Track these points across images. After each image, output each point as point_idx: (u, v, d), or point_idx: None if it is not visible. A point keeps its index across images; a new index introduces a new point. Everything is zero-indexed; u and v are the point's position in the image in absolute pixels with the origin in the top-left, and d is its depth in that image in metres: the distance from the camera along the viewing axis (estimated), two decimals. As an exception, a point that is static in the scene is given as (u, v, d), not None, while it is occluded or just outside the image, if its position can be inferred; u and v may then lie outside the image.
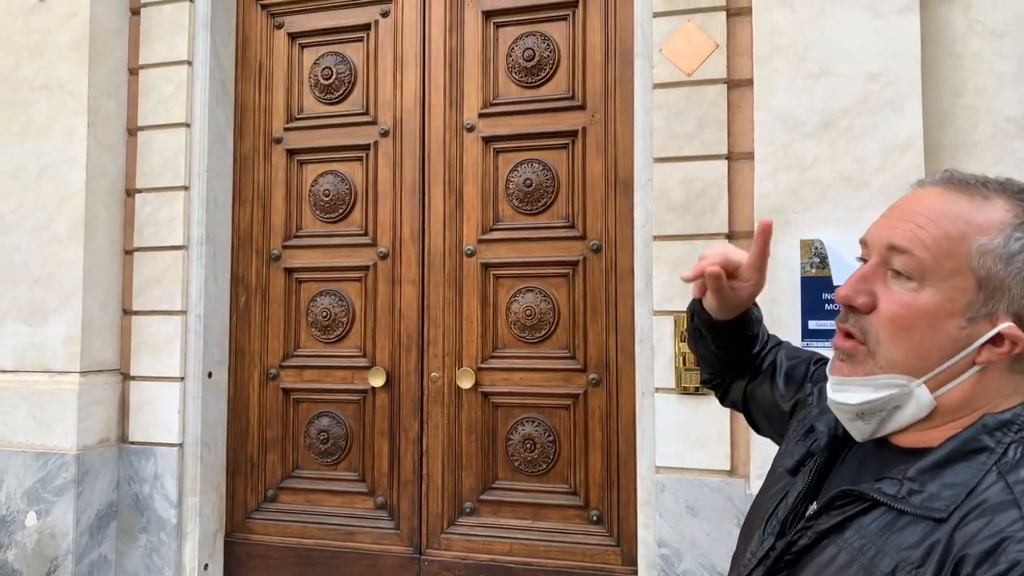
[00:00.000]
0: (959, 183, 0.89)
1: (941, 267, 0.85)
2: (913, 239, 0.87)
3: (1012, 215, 0.84)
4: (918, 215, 0.88)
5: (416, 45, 3.53)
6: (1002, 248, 0.83)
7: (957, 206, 0.86)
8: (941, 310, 0.85)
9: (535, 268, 3.35)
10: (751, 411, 1.36)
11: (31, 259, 3.53)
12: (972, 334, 0.85)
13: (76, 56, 3.52)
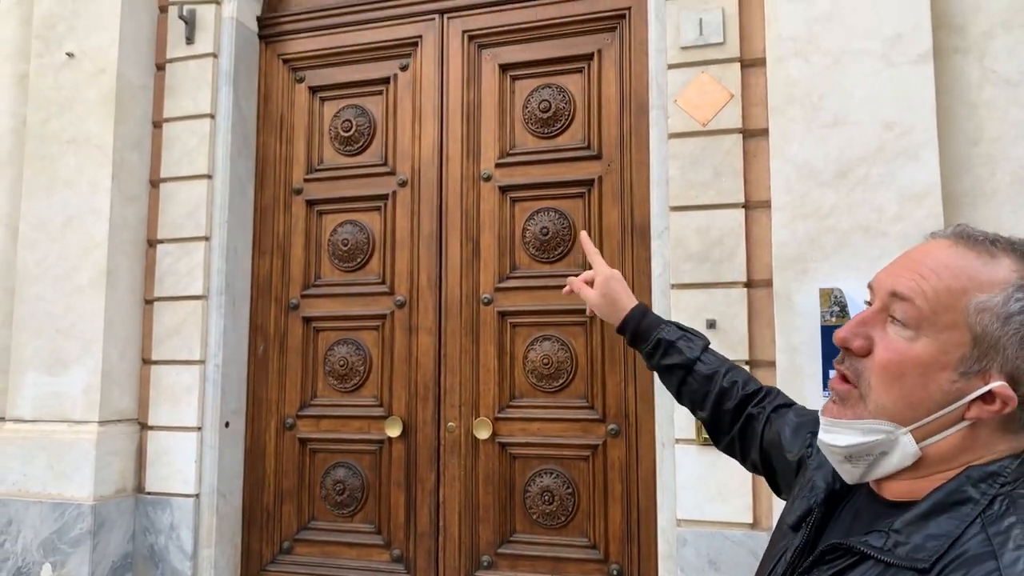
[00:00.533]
0: (969, 238, 0.89)
1: (938, 319, 0.86)
2: (915, 289, 0.88)
3: (1016, 275, 0.85)
4: (923, 266, 0.89)
5: (434, 98, 3.60)
6: (1000, 307, 0.84)
7: (963, 261, 0.87)
8: (934, 361, 0.86)
9: (552, 316, 3.34)
10: (772, 473, 1.37)
11: (54, 309, 3.57)
12: (963, 389, 0.85)
13: (103, 111, 3.61)
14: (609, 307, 1.55)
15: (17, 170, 3.82)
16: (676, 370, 1.48)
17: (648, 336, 1.51)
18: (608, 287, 1.54)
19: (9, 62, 3.95)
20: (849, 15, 2.76)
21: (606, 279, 1.55)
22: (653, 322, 1.52)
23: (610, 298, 1.54)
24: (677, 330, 1.51)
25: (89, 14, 3.69)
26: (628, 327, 1.53)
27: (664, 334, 1.49)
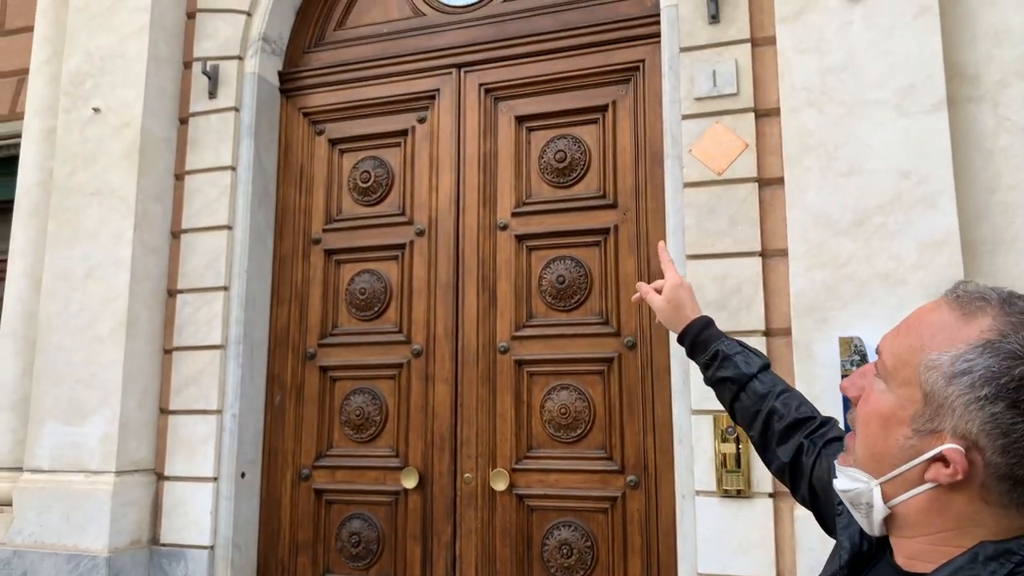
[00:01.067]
0: (959, 296, 0.87)
1: (898, 373, 0.86)
2: (887, 346, 0.90)
3: (979, 336, 0.81)
4: (907, 323, 0.90)
5: (451, 149, 3.65)
6: (948, 366, 0.81)
7: (939, 318, 0.86)
8: (892, 416, 0.86)
9: (569, 365, 3.33)
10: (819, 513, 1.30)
11: (74, 359, 3.60)
12: (918, 447, 0.83)
13: (127, 164, 3.69)
14: (673, 313, 1.56)
15: (42, 222, 3.89)
16: (730, 384, 1.46)
17: (707, 347, 1.50)
18: (675, 294, 1.55)
19: (38, 118, 4.05)
20: (862, 66, 2.79)
21: (675, 286, 1.56)
22: (714, 334, 1.51)
23: (675, 304, 1.55)
24: (737, 345, 1.49)
25: (116, 71, 3.79)
26: (688, 335, 1.54)
27: (723, 347, 1.48)
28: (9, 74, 4.49)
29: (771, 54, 3.01)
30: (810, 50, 2.86)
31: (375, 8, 3.94)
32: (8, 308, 3.92)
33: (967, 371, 0.80)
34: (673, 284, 1.57)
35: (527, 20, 3.60)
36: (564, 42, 3.49)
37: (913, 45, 2.74)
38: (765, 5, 3.05)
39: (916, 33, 2.75)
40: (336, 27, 4.00)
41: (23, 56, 4.35)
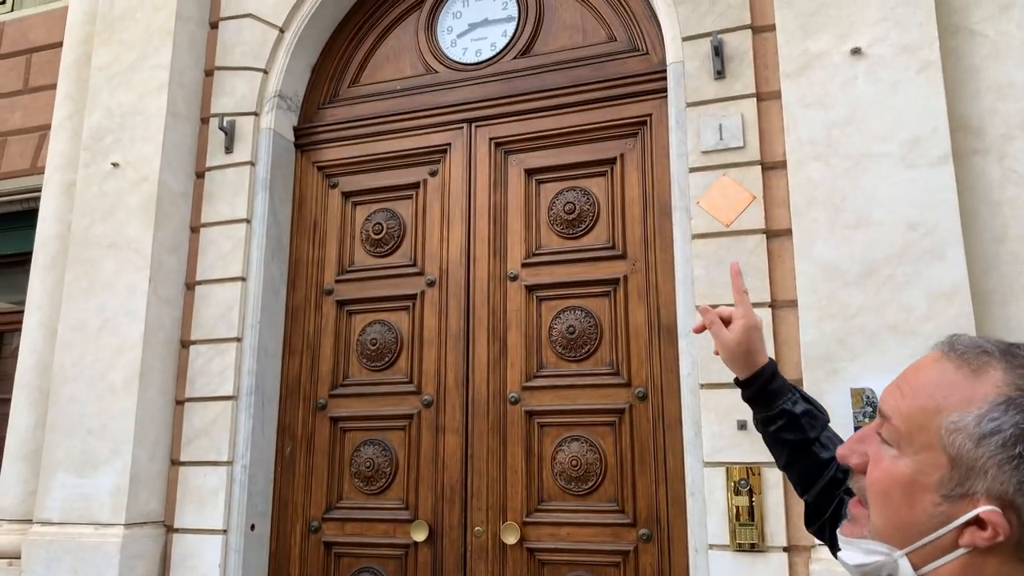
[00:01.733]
0: (957, 352, 0.84)
1: (914, 439, 0.82)
2: (894, 408, 0.85)
3: (997, 392, 0.79)
4: (906, 383, 0.86)
5: (462, 201, 3.70)
6: (973, 427, 0.78)
7: (944, 376, 0.83)
8: (915, 483, 0.81)
9: (580, 416, 3.32)
10: None
11: (87, 410, 3.62)
12: (949, 513, 0.79)
13: (144, 216, 3.75)
14: (742, 357, 1.40)
15: (59, 274, 3.95)
16: (790, 446, 1.37)
17: (774, 402, 1.38)
18: (749, 336, 1.38)
19: (59, 172, 4.14)
20: (867, 120, 2.83)
21: (750, 327, 1.38)
22: (782, 387, 1.39)
23: (746, 348, 1.39)
24: (803, 402, 1.38)
25: (135, 126, 3.89)
26: (755, 384, 1.40)
27: (790, 405, 1.37)
28: (32, 130, 4.61)
29: (776, 108, 3.06)
30: (815, 104, 2.91)
31: (388, 66, 4.04)
32: (23, 359, 3.96)
33: (996, 431, 0.77)
34: (748, 325, 1.38)
35: (537, 76, 3.69)
36: (573, 97, 3.56)
37: (917, 99, 2.79)
38: (770, 61, 3.11)
39: (919, 87, 2.79)
40: (350, 84, 4.10)
41: (46, 113, 4.47)
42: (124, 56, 4.02)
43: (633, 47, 3.59)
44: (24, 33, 4.84)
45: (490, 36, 3.86)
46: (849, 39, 2.91)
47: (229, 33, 4.08)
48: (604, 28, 3.67)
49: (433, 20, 4.00)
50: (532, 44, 3.77)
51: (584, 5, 3.73)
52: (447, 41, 3.95)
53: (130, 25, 4.05)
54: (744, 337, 1.37)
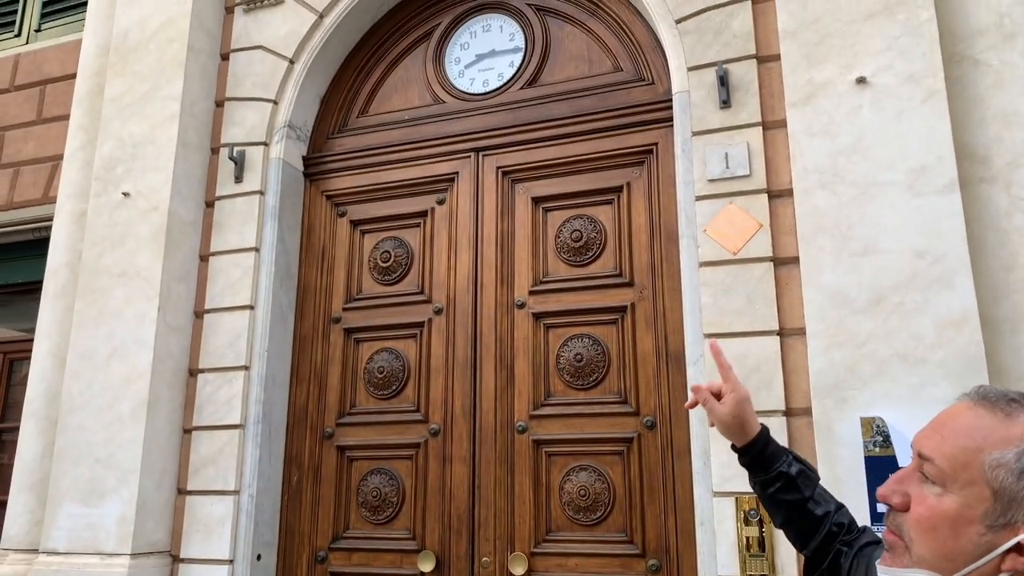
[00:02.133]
0: (989, 399, 0.96)
1: (959, 476, 0.92)
2: (936, 450, 0.95)
3: None
4: (945, 427, 0.97)
5: (469, 229, 3.71)
6: (1014, 463, 0.89)
7: (980, 421, 0.94)
8: (961, 516, 0.91)
9: (588, 445, 3.30)
10: None
11: (94, 438, 3.62)
12: (992, 541, 0.89)
13: (153, 246, 3.78)
14: (737, 427, 1.51)
15: (69, 302, 3.98)
16: (787, 505, 1.48)
17: (771, 466, 1.49)
18: (741, 408, 1.50)
19: (70, 201, 4.18)
20: (872, 148, 2.84)
21: (741, 400, 1.50)
22: (777, 451, 1.51)
23: (740, 420, 1.51)
24: (797, 464, 1.50)
25: (146, 156, 3.93)
26: (751, 451, 1.51)
27: (786, 468, 1.48)
28: (45, 160, 4.66)
29: (782, 137, 3.07)
30: (820, 133, 2.93)
31: (396, 96, 4.08)
32: (32, 388, 3.97)
33: None
34: (738, 398, 1.51)
35: (543, 106, 3.72)
36: (579, 127, 3.59)
37: (922, 128, 2.80)
38: (775, 90, 3.13)
39: (925, 116, 2.80)
40: (359, 114, 4.14)
41: (58, 143, 4.53)
42: (136, 87, 4.07)
43: (639, 77, 3.62)
44: (39, 65, 4.91)
45: (497, 67, 3.90)
46: (853, 68, 2.93)
47: (240, 64, 4.14)
48: (610, 58, 3.71)
49: (441, 51, 4.05)
50: (539, 74, 3.81)
51: (590, 36, 3.77)
52: (455, 72, 3.99)
53: (143, 57, 4.11)
54: (736, 409, 1.49)
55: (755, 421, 1.53)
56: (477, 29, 4.02)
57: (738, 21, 3.23)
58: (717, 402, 1.52)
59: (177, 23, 4.09)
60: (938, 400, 2.57)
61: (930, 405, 2.59)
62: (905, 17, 2.90)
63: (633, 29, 3.66)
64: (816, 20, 3.02)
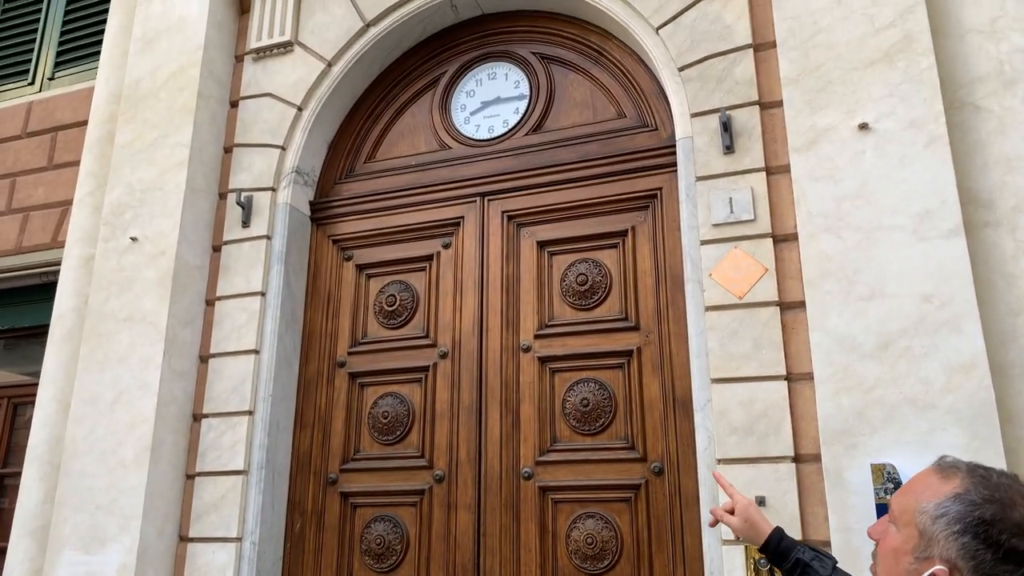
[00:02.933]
0: (943, 466, 1.23)
1: (901, 519, 1.22)
2: (894, 500, 1.27)
3: (953, 489, 1.17)
4: (905, 486, 1.28)
5: (475, 273, 3.72)
6: (933, 511, 1.16)
7: (925, 479, 1.23)
8: (900, 549, 1.20)
9: (595, 492, 3.26)
10: None
11: (96, 484, 3.59)
12: (919, 569, 1.17)
13: (160, 290, 3.80)
14: (750, 531, 1.78)
15: (75, 347, 3.98)
16: None
17: (787, 555, 1.70)
18: (748, 513, 1.79)
19: (78, 246, 4.21)
20: (876, 193, 2.85)
21: (745, 507, 1.79)
22: (790, 544, 1.73)
23: (751, 523, 1.78)
24: (811, 551, 1.69)
25: (155, 202, 3.97)
26: (769, 547, 1.75)
27: (800, 554, 1.68)
28: (54, 205, 4.71)
29: (786, 182, 3.09)
30: (824, 178, 2.94)
31: (403, 142, 4.13)
32: (35, 433, 3.95)
33: (944, 514, 1.15)
34: (743, 505, 1.79)
35: (548, 152, 3.75)
36: (584, 172, 3.62)
37: (926, 173, 2.81)
38: (778, 136, 3.16)
39: (927, 161, 2.82)
40: (366, 160, 4.19)
41: (68, 188, 4.58)
42: (146, 134, 4.13)
43: (642, 123, 3.66)
44: (51, 112, 4.99)
45: (502, 113, 3.95)
46: (856, 114, 2.96)
47: (249, 111, 4.20)
48: (613, 105, 3.75)
49: (447, 98, 4.10)
50: (543, 121, 3.86)
51: (594, 83, 3.83)
52: (461, 118, 4.04)
53: (153, 104, 4.18)
54: (746, 515, 1.79)
55: (766, 523, 1.78)
56: (483, 77, 4.08)
57: (740, 68, 3.28)
58: (730, 516, 1.80)
59: (188, 71, 4.16)
60: (949, 446, 2.54)
61: (941, 451, 2.53)
62: (905, 64, 2.93)
63: (636, 76, 3.71)
64: (818, 67, 3.06)
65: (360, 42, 4.11)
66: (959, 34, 3.01)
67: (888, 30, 2.99)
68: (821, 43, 3.08)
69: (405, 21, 4.07)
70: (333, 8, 4.19)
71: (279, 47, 4.22)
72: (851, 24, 3.05)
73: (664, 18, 3.48)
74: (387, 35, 4.10)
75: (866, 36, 3.02)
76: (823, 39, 3.08)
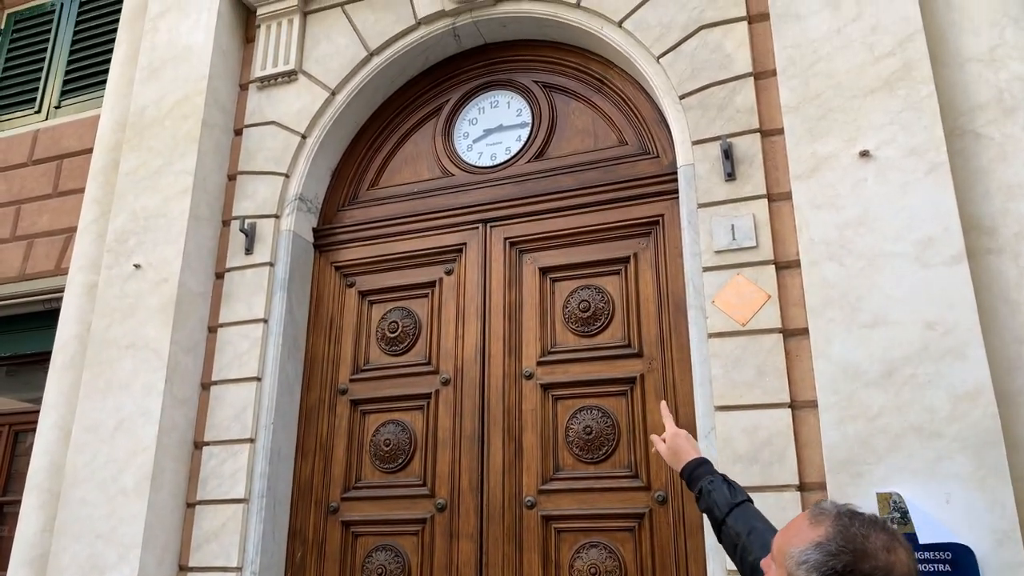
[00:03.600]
0: (815, 512, 1.34)
1: (778, 558, 1.34)
2: (776, 539, 1.39)
3: (816, 537, 1.27)
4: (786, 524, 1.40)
5: (477, 299, 3.72)
6: (798, 556, 1.27)
7: (799, 524, 1.35)
8: None
9: (599, 521, 3.23)
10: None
11: (96, 512, 3.56)
12: None
13: (162, 317, 3.80)
14: (673, 456, 2.03)
15: (77, 374, 3.97)
16: (712, 517, 1.88)
17: (696, 483, 1.94)
18: (674, 441, 2.04)
19: (81, 273, 4.22)
20: (878, 220, 2.85)
21: (673, 435, 2.06)
22: (702, 472, 1.95)
23: (674, 449, 2.03)
24: (721, 483, 1.90)
25: (158, 229, 3.98)
26: (684, 473, 1.99)
27: (705, 483, 1.91)
28: (59, 232, 4.73)
29: (788, 209, 3.09)
30: (826, 205, 2.94)
31: (406, 169, 4.16)
32: (36, 461, 3.93)
33: (806, 561, 1.26)
34: (672, 433, 2.06)
35: (550, 179, 3.77)
36: (585, 199, 3.63)
37: (927, 200, 2.81)
38: (780, 163, 3.17)
39: (929, 188, 2.82)
40: (369, 186, 4.21)
41: (73, 216, 4.61)
42: (151, 162, 4.16)
43: (644, 150, 3.67)
44: (56, 140, 5.03)
45: (505, 141, 3.98)
46: (857, 142, 2.97)
47: (253, 139, 4.23)
48: (615, 132, 3.77)
49: (450, 126, 4.13)
50: (545, 148, 3.88)
51: (595, 111, 3.85)
52: (463, 146, 4.07)
53: (158, 132, 4.21)
54: (672, 442, 2.05)
55: (691, 452, 2.01)
56: (485, 105, 4.11)
57: (741, 96, 3.30)
58: (663, 443, 2.08)
59: (193, 100, 4.20)
60: (956, 475, 2.52)
61: (948, 480, 2.54)
62: (905, 92, 2.95)
63: (638, 105, 3.74)
64: (818, 95, 3.08)
65: (364, 71, 4.15)
66: (958, 62, 3.03)
67: (888, 59, 3.01)
68: (821, 71, 3.10)
69: (408, 51, 4.11)
70: (337, 38, 4.24)
71: (283, 76, 4.26)
72: (851, 53, 3.08)
73: (665, 47, 3.51)
74: (390, 64, 4.14)
75: (866, 64, 3.04)
76: (823, 67, 3.10)
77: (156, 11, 4.54)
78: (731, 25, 3.41)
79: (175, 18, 4.46)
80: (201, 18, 4.37)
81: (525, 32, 4.04)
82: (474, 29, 4.06)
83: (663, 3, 3.57)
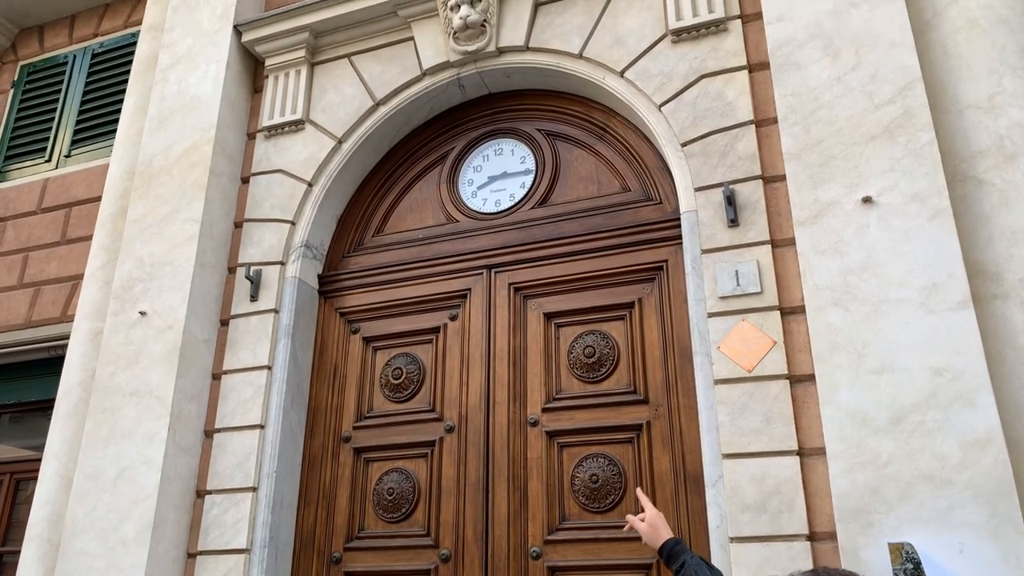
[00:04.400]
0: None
1: None
2: None
3: None
4: None
5: (482, 345, 3.71)
6: None
7: None
8: None
9: (606, 572, 3.17)
10: None
11: (95, 564, 3.51)
12: None
13: (166, 364, 3.79)
14: (653, 534, 2.23)
15: (80, 422, 3.96)
16: None
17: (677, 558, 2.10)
18: (653, 521, 2.25)
19: (87, 320, 4.23)
20: (882, 266, 2.85)
21: (653, 515, 2.27)
22: (681, 550, 2.14)
23: (654, 528, 2.23)
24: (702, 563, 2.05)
25: (164, 276, 4.00)
26: (664, 550, 2.17)
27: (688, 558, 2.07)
28: (65, 279, 4.75)
29: (792, 255, 3.10)
30: (829, 251, 2.95)
31: (411, 216, 4.19)
32: (36, 510, 3.89)
33: None
34: (651, 514, 2.27)
35: (554, 225, 3.79)
36: (589, 244, 3.65)
37: (931, 245, 2.82)
38: (782, 209, 3.19)
39: (932, 234, 2.83)
40: (375, 233, 4.24)
41: (80, 263, 4.64)
42: (158, 209, 4.20)
43: (647, 196, 3.70)
44: (65, 188, 5.09)
45: (509, 187, 4.01)
46: (859, 188, 2.99)
47: (259, 187, 4.28)
48: (618, 179, 3.80)
49: (455, 174, 4.17)
50: (549, 195, 3.91)
51: (599, 158, 3.89)
52: (468, 192, 4.10)
53: (166, 180, 4.26)
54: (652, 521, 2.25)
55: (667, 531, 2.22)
56: (489, 153, 4.16)
57: (742, 144, 3.33)
58: (640, 523, 2.28)
59: (201, 148, 4.26)
60: (968, 524, 2.48)
61: (960, 529, 2.49)
62: (906, 139, 2.97)
63: (640, 152, 3.77)
64: (819, 142, 3.11)
65: (370, 120, 4.21)
66: (958, 109, 3.06)
67: (888, 106, 3.04)
68: (822, 119, 3.14)
69: (414, 100, 4.18)
70: (344, 88, 4.31)
71: (291, 125, 4.33)
72: (851, 100, 3.11)
73: (666, 96, 3.56)
74: (396, 113, 4.20)
75: (866, 112, 3.07)
76: (824, 115, 3.14)
77: (167, 63, 4.63)
78: (732, 74, 3.47)
79: (185, 69, 4.54)
80: (210, 69, 4.45)
81: (529, 82, 4.11)
82: (478, 79, 4.13)
83: (664, 53, 3.63)
